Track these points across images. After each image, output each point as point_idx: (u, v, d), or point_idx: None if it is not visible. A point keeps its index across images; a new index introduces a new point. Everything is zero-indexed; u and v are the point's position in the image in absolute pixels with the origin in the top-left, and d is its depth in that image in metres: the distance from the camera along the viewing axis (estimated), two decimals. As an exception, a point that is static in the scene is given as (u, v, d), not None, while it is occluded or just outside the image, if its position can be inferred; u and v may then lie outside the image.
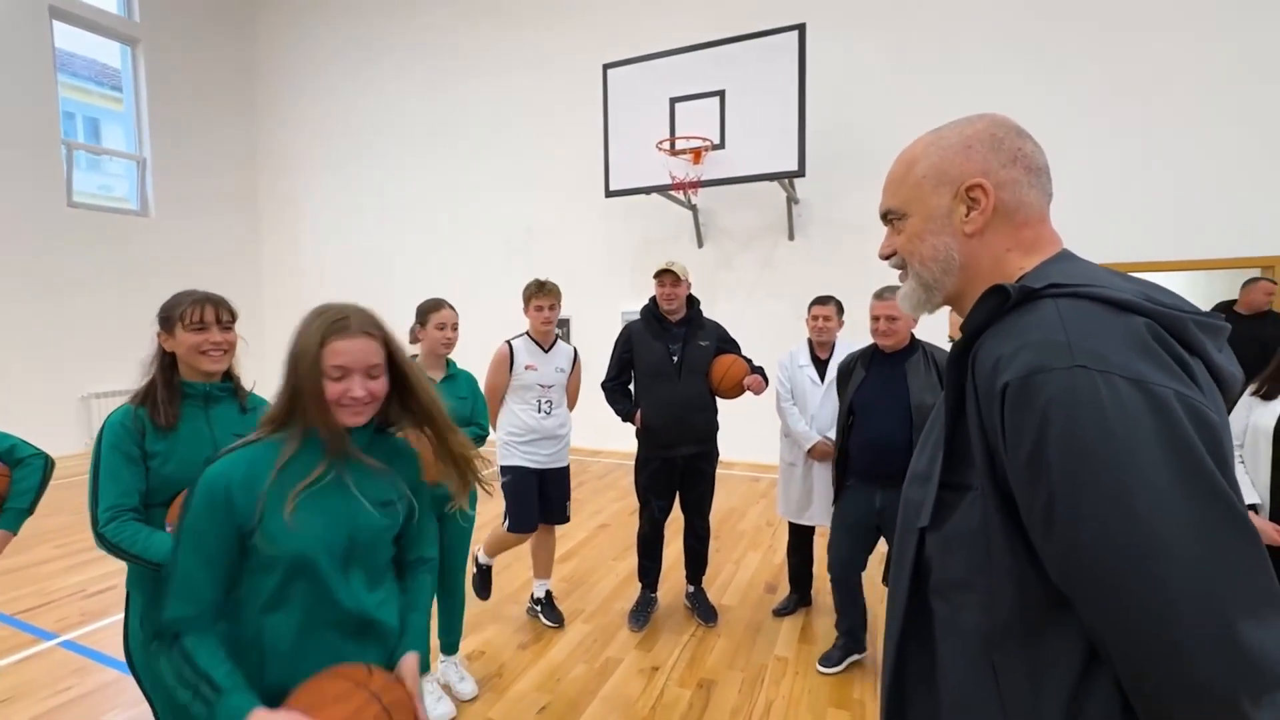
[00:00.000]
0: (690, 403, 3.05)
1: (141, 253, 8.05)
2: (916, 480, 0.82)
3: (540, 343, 3.06)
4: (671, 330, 3.10)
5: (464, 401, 2.56)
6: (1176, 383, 0.59)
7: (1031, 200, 0.77)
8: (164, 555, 1.41)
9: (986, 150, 0.77)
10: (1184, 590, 0.55)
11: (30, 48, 7.07)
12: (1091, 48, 5.19)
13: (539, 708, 2.48)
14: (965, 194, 0.77)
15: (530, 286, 3.08)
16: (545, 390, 3.02)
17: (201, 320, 1.54)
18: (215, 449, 1.51)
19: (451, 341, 2.56)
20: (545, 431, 3.03)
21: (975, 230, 0.77)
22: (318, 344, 1.09)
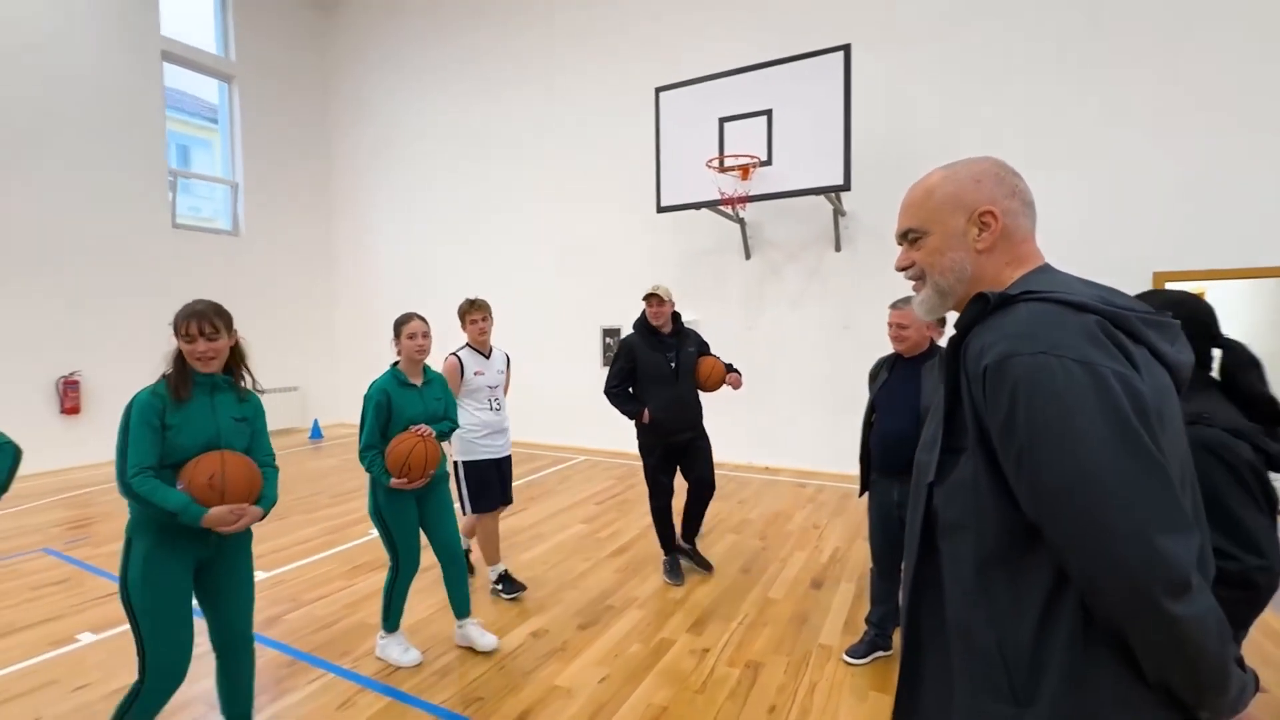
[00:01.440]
0: (685, 400, 3.75)
1: (233, 268, 8.85)
2: (925, 447, 1.04)
3: (480, 351, 3.60)
4: (665, 341, 3.73)
5: (439, 401, 2.97)
6: (1115, 363, 0.79)
7: (1024, 225, 0.99)
8: (177, 506, 1.86)
9: (993, 184, 0.99)
10: (1114, 512, 0.75)
11: (145, 87, 7.94)
12: (1140, 58, 5.17)
13: (600, 678, 2.73)
14: (978, 218, 0.98)
15: (464, 305, 3.60)
16: (492, 390, 3.58)
17: (188, 333, 1.96)
18: (218, 426, 2.03)
19: (424, 349, 2.90)
20: (497, 425, 3.57)
21: (985, 248, 0.99)
22: None
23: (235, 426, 2.07)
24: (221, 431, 2.03)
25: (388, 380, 2.82)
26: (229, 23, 9.00)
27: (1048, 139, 5.47)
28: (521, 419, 8.73)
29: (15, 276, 6.84)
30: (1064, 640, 0.82)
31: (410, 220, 9.52)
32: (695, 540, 3.98)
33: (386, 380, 2.82)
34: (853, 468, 6.47)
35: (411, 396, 2.85)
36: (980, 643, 0.88)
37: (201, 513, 1.90)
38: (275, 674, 2.79)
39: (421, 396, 2.89)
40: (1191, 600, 0.74)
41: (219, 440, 2.02)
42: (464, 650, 2.97)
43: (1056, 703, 0.82)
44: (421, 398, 2.88)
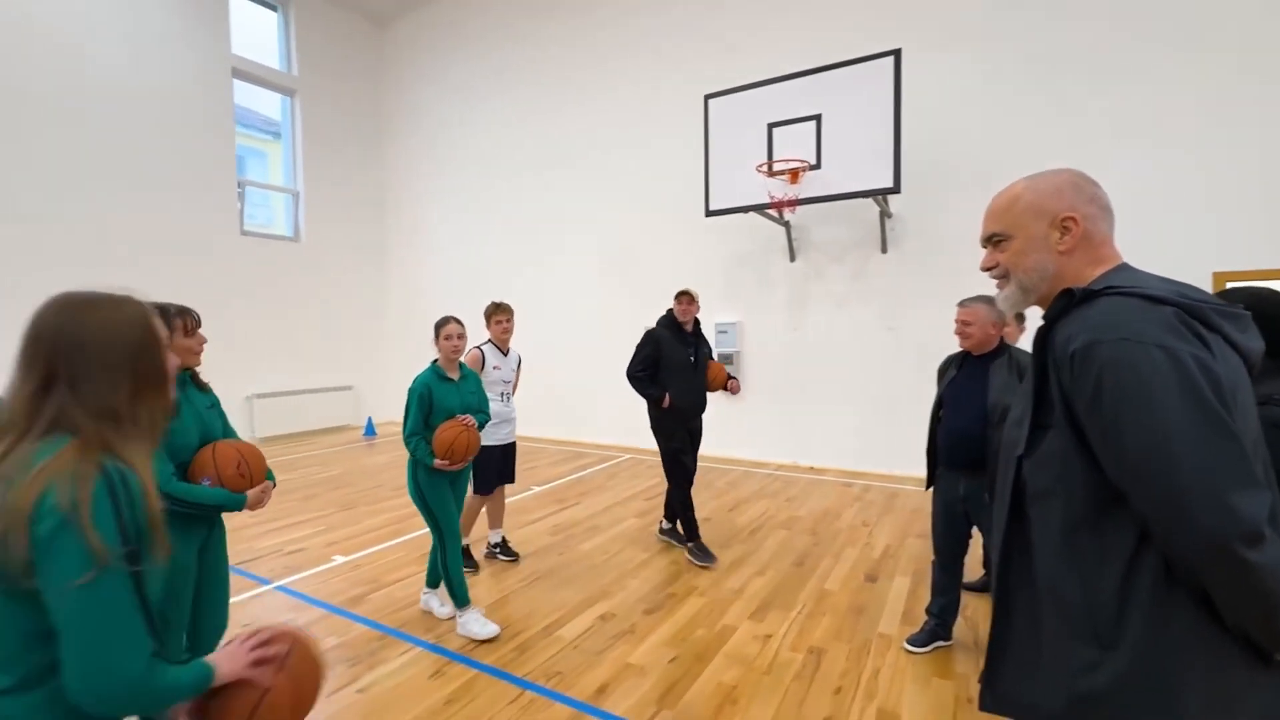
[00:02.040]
0: (700, 389, 4.28)
1: (293, 272, 9.30)
2: (1013, 424, 1.16)
3: (500, 348, 4.04)
4: (687, 338, 4.23)
5: (474, 395, 3.33)
6: (1191, 347, 0.91)
7: (1102, 229, 1.12)
8: (220, 499, 1.97)
9: (1073, 193, 1.12)
10: (1192, 472, 0.86)
11: (217, 102, 8.44)
12: (1196, 52, 5.11)
13: (669, 658, 2.89)
14: (1060, 223, 1.11)
15: (490, 307, 4.02)
16: (506, 384, 4.02)
17: (187, 328, 2.04)
18: (201, 419, 2.08)
19: (459, 349, 3.26)
20: (506, 415, 3.99)
21: (1067, 249, 1.11)
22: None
23: (210, 415, 2.15)
24: (206, 423, 2.10)
25: (429, 375, 3.18)
26: (291, 39, 9.49)
27: (1100, 139, 5.44)
28: (567, 417, 9.00)
29: (99, 283, 7.34)
30: (1146, 591, 0.93)
31: (461, 226, 9.86)
32: (697, 536, 4.17)
33: (428, 375, 3.18)
34: (900, 468, 6.53)
35: (450, 389, 3.20)
36: (1068, 595, 1.00)
37: (243, 499, 2.04)
38: (368, 646, 3.01)
39: (459, 390, 3.25)
40: (1265, 549, 0.84)
41: (209, 432, 2.10)
42: (540, 629, 3.16)
43: (1138, 646, 0.92)
44: (459, 391, 3.24)
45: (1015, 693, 1.09)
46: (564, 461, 7.26)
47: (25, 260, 6.70)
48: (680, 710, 2.49)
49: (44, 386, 0.96)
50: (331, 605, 3.45)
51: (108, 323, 1.01)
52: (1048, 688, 1.02)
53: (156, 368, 1.05)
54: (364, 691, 2.63)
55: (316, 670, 1.22)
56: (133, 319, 1.04)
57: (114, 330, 1.01)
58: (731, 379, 4.47)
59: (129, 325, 1.03)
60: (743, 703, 2.54)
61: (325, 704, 2.56)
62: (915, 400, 6.21)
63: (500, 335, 4.01)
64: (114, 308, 1.03)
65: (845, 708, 2.51)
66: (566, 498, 5.73)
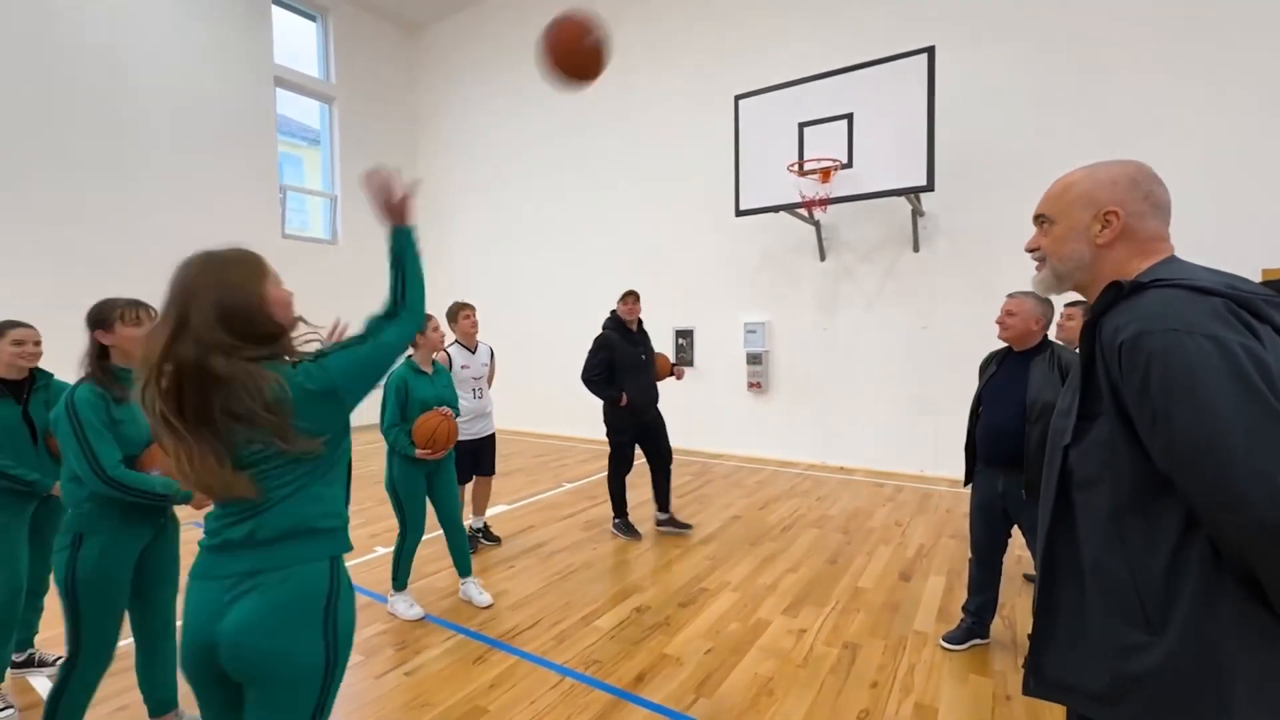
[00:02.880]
0: (652, 385, 4.54)
1: (331, 274, 9.57)
2: (1061, 414, 1.19)
3: (467, 346, 4.22)
4: (635, 338, 4.50)
5: (447, 389, 3.54)
6: (1240, 336, 0.92)
7: (1150, 227, 1.13)
8: (165, 488, 1.94)
9: (1126, 188, 1.13)
10: (1242, 460, 0.87)
11: (260, 110, 8.75)
12: (1238, 50, 4.97)
13: (705, 650, 2.93)
14: (1103, 216, 1.13)
15: (455, 306, 4.22)
16: (476, 381, 4.19)
17: (138, 319, 2.03)
18: None
19: (439, 344, 3.55)
20: (479, 410, 4.19)
21: (1105, 243, 1.13)
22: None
23: None
24: None
25: (404, 369, 3.37)
26: (330, 47, 9.78)
27: (1139, 136, 5.32)
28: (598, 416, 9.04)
29: (150, 285, 7.64)
30: (1193, 576, 0.94)
31: (493, 228, 10.04)
32: (670, 508, 4.66)
33: (403, 369, 3.37)
34: (932, 469, 6.47)
35: (424, 382, 3.39)
36: (1116, 580, 1.01)
37: (190, 493, 1.93)
38: (412, 633, 3.12)
39: (433, 383, 3.43)
40: None
41: None
42: (578, 619, 3.24)
43: (1186, 630, 0.94)
44: (433, 384, 3.43)
45: (1059, 676, 1.11)
46: (594, 459, 7.35)
47: (74, 259, 7.04)
48: (717, 699, 2.54)
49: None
50: (375, 593, 3.57)
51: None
52: (1092, 670, 1.04)
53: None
54: (411, 675, 2.74)
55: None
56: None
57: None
58: (676, 365, 4.80)
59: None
60: (779, 694, 2.58)
61: (375, 685, 2.67)
62: (948, 400, 6.16)
63: (469, 331, 4.21)
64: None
65: (882, 701, 2.53)
66: (598, 494, 5.81)
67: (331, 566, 1.30)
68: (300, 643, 1.24)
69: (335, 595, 1.29)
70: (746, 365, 7.45)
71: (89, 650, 1.95)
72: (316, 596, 1.26)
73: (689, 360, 7.98)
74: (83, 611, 1.93)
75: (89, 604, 1.93)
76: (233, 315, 1.23)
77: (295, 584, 1.25)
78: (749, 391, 7.49)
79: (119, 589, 1.99)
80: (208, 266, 1.27)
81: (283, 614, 1.23)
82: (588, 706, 2.49)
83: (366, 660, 2.85)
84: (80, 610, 1.93)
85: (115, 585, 1.98)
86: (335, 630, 1.28)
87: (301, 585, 1.26)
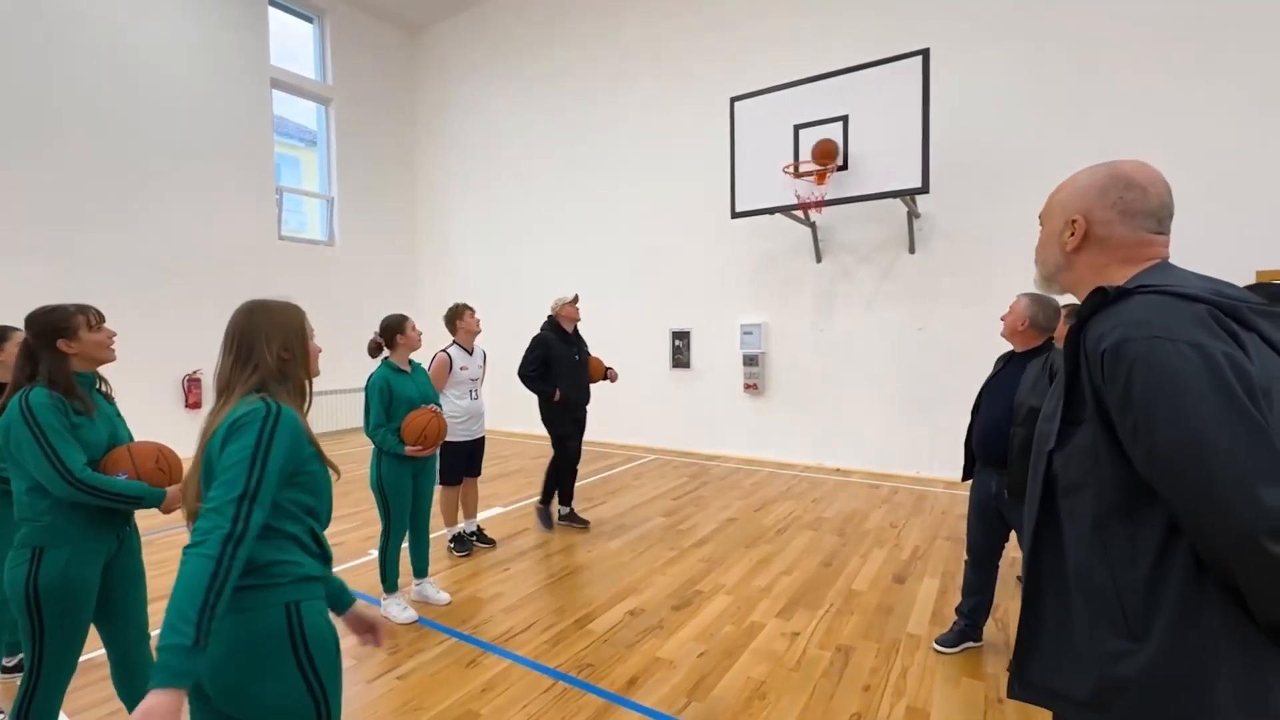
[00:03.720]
0: (585, 383, 4.83)
1: (328, 276, 9.58)
2: (1045, 419, 1.19)
3: (466, 348, 4.27)
4: (569, 339, 4.75)
5: (426, 385, 3.55)
6: (1223, 344, 0.92)
7: (1122, 234, 1.12)
8: (139, 490, 1.89)
9: (1094, 195, 1.13)
10: (1221, 468, 0.87)
11: (256, 111, 8.74)
12: (1237, 50, 4.98)
13: (698, 653, 2.93)
14: (1070, 223, 1.15)
15: (460, 307, 4.30)
16: (473, 383, 4.26)
17: (92, 323, 1.98)
18: (111, 422, 2.01)
19: (418, 344, 3.53)
20: (475, 411, 4.24)
21: (1072, 248, 1.15)
22: (302, 322, 1.53)
23: (118, 421, 2.07)
24: (115, 425, 2.03)
25: (385, 371, 3.38)
26: (327, 49, 9.78)
27: (1135, 138, 5.33)
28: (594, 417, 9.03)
29: (149, 285, 7.67)
30: (1175, 583, 0.94)
31: (491, 229, 10.04)
32: (571, 503, 4.93)
33: (384, 371, 3.38)
34: (928, 470, 6.48)
35: (405, 381, 3.42)
36: (1098, 586, 1.01)
37: (163, 494, 1.97)
38: (406, 636, 3.12)
39: (414, 381, 3.46)
40: None
41: (116, 433, 2.02)
42: (571, 622, 3.23)
43: (1168, 637, 0.94)
44: (414, 382, 3.46)
45: (1043, 681, 1.11)
46: (591, 461, 7.34)
47: (72, 261, 7.03)
48: (710, 703, 2.54)
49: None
50: (370, 596, 3.57)
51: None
52: (1076, 676, 1.04)
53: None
54: (404, 678, 2.74)
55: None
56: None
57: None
58: (610, 369, 5.06)
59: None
60: (771, 697, 2.58)
61: (367, 689, 2.67)
62: (944, 401, 6.16)
63: (474, 330, 4.28)
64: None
65: (874, 705, 2.53)
66: (594, 496, 5.81)
67: (288, 611, 1.29)
68: (272, 683, 1.26)
69: (300, 635, 1.29)
70: (743, 367, 7.45)
71: (51, 665, 1.87)
72: (279, 636, 1.28)
73: (686, 362, 7.99)
74: (47, 626, 1.85)
75: (53, 618, 1.85)
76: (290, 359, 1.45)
77: (253, 625, 1.26)
78: (746, 393, 7.50)
79: (86, 601, 1.91)
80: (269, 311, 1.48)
81: (250, 653, 1.25)
82: (579, 711, 2.48)
83: (358, 664, 2.85)
84: (45, 625, 1.85)
85: (82, 598, 1.90)
86: (314, 669, 1.30)
87: (261, 626, 1.27)
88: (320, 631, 1.33)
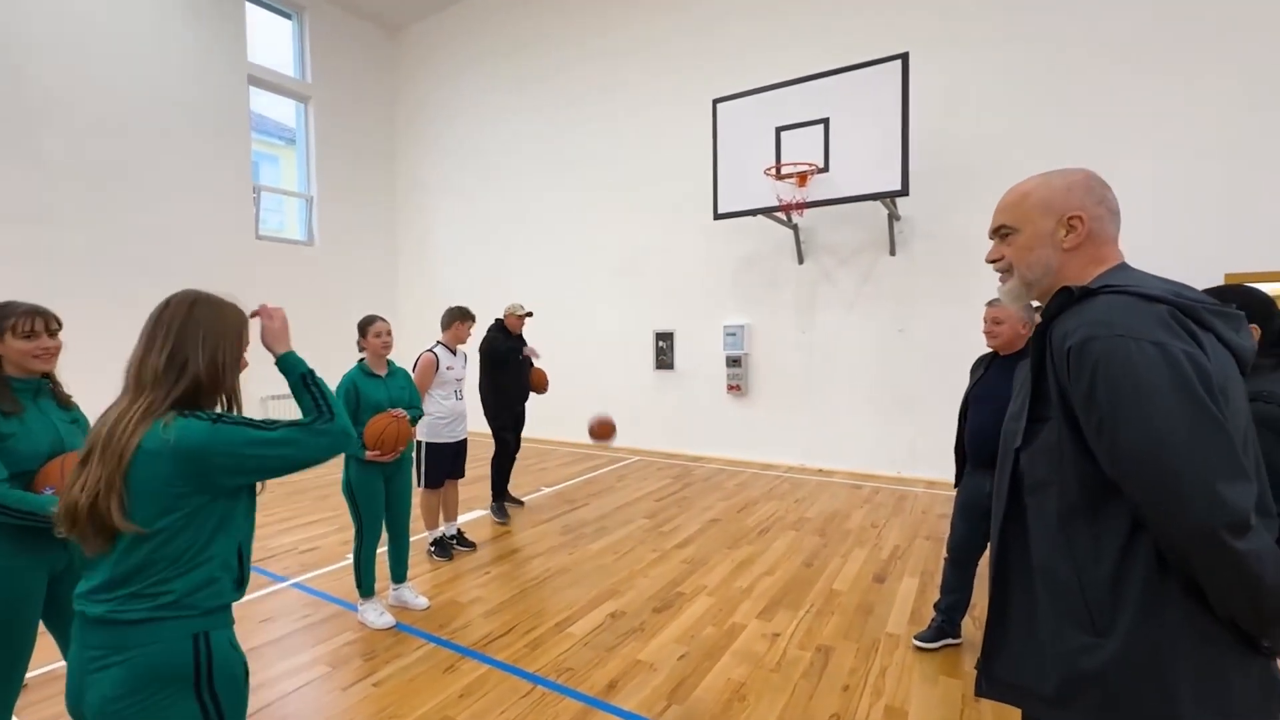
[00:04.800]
0: (524, 382, 5.21)
1: (307, 276, 9.43)
2: (1012, 418, 1.20)
3: (452, 349, 4.30)
4: (513, 341, 5.11)
5: (404, 390, 3.43)
6: (1183, 343, 0.93)
7: (1107, 230, 1.14)
8: (45, 508, 1.72)
9: (1083, 193, 1.14)
10: (1182, 465, 0.89)
11: (233, 109, 8.59)
12: (1208, 56, 5.10)
13: (679, 655, 2.92)
14: (1067, 221, 1.13)
15: (459, 311, 4.36)
16: (458, 382, 4.29)
17: (32, 330, 1.85)
18: (57, 431, 1.90)
19: (389, 345, 3.40)
20: (459, 411, 4.27)
21: (1071, 247, 1.14)
22: (244, 327, 1.41)
23: (71, 428, 1.97)
24: (62, 434, 1.93)
25: (355, 372, 3.30)
26: (306, 46, 9.64)
27: (1110, 140, 5.43)
28: (577, 419, 8.99)
29: (122, 285, 7.49)
30: (1139, 579, 0.95)
31: (472, 229, 9.96)
32: (508, 488, 5.33)
33: (354, 372, 3.30)
34: (909, 470, 6.52)
35: (377, 385, 3.31)
36: (1063, 582, 1.02)
37: None
38: (383, 641, 3.07)
39: (386, 385, 3.36)
40: (1250, 538, 0.87)
41: (62, 443, 1.91)
42: (551, 626, 3.21)
43: (1131, 632, 0.95)
44: (386, 386, 3.35)
45: (1010, 677, 1.11)
46: (574, 463, 7.31)
47: (47, 262, 6.86)
48: (689, 706, 2.53)
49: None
50: (346, 602, 3.51)
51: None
52: (1041, 672, 1.05)
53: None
54: (380, 685, 2.69)
55: None
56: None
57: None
58: (544, 386, 5.37)
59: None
60: (751, 699, 2.57)
61: (341, 696, 2.62)
62: (924, 402, 6.22)
63: (461, 337, 4.33)
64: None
65: (853, 705, 2.54)
66: (576, 498, 5.78)
67: (196, 643, 1.23)
68: (166, 717, 1.20)
69: (206, 667, 1.24)
70: (726, 368, 7.47)
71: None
72: (183, 669, 1.22)
73: (669, 363, 7.99)
74: None
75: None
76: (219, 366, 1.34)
77: (154, 659, 1.20)
78: (729, 394, 7.51)
79: (25, 616, 1.80)
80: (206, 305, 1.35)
81: (145, 690, 1.19)
82: (557, 715, 2.46)
83: (333, 671, 2.80)
84: None
85: (19, 613, 1.78)
86: (216, 702, 1.24)
87: (163, 659, 1.21)
88: (228, 661, 1.27)
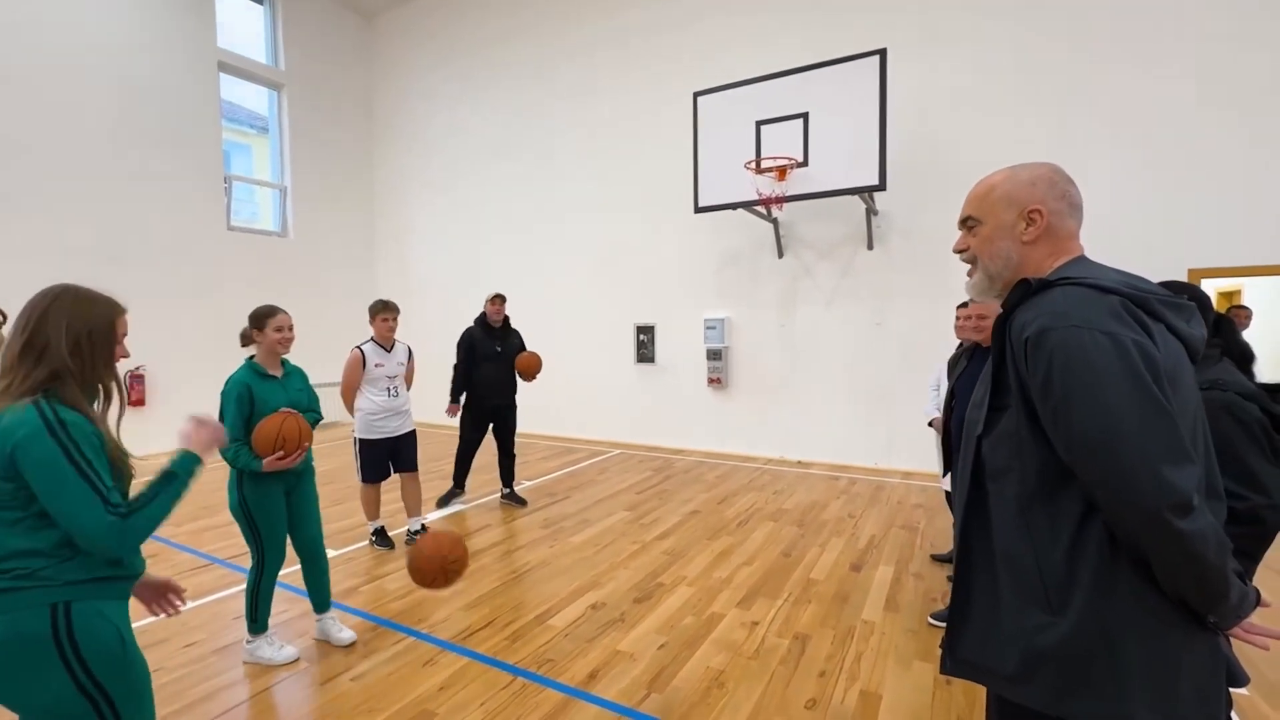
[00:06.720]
0: (504, 377, 5.13)
1: (281, 268, 9.25)
2: (974, 406, 1.23)
3: (383, 345, 4.24)
4: (495, 333, 5.12)
5: (301, 393, 2.93)
6: (1134, 333, 0.98)
7: (1068, 224, 1.18)
8: None
9: (1045, 187, 1.18)
10: (1130, 449, 0.93)
11: (202, 97, 8.37)
12: (1174, 56, 5.24)
13: (659, 645, 2.95)
14: (1027, 215, 1.17)
15: (377, 304, 4.22)
16: (391, 380, 4.24)
17: None
18: None
19: (289, 342, 2.87)
20: (394, 408, 4.25)
21: (1030, 240, 1.18)
22: (113, 321, 1.43)
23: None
24: None
25: (245, 374, 2.76)
26: (279, 34, 9.42)
27: (1081, 137, 5.56)
28: (558, 413, 9.02)
29: (84, 276, 7.24)
30: (1092, 559, 1.00)
31: (450, 220, 9.85)
32: (513, 486, 5.39)
33: (244, 374, 2.76)
34: (885, 462, 6.62)
35: (273, 387, 2.80)
36: (1023, 564, 1.07)
37: None
38: (361, 636, 3.05)
39: (284, 387, 2.86)
40: (1194, 518, 0.92)
41: None
42: (532, 618, 3.21)
43: (1084, 610, 1.00)
44: (284, 388, 2.85)
45: (973, 657, 1.15)
46: (555, 456, 7.30)
47: (5, 255, 6.63)
48: (669, 694, 2.56)
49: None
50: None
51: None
52: (1002, 651, 1.09)
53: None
54: (358, 680, 2.68)
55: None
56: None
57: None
58: (535, 373, 5.18)
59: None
60: (730, 686, 2.61)
61: (319, 691, 2.60)
62: (901, 395, 6.33)
63: (387, 334, 4.22)
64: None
65: (829, 690, 2.59)
66: (557, 492, 5.78)
67: (54, 613, 1.26)
68: (39, 684, 1.24)
69: (68, 636, 1.26)
70: (707, 361, 7.51)
71: None
72: (41, 638, 1.25)
73: (650, 356, 8.01)
74: None
75: None
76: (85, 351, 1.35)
77: (12, 626, 1.24)
78: (709, 387, 7.56)
79: None
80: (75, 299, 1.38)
81: (8, 653, 1.23)
82: (538, 706, 2.47)
83: (311, 666, 2.77)
84: None
85: None
86: (88, 670, 1.27)
87: (20, 627, 1.24)
88: (97, 633, 1.29)
